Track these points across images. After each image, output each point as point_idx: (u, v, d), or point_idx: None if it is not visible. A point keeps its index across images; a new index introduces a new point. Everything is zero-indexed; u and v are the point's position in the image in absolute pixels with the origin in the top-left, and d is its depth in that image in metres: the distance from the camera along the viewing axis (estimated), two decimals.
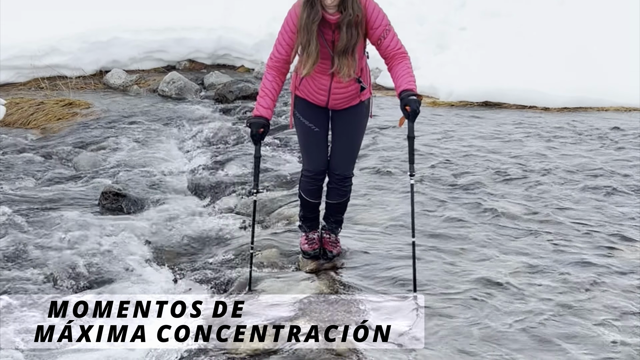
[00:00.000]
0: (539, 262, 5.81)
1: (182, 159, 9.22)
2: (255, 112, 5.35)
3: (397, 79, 5.20)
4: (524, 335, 4.78)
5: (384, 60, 5.32)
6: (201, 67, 14.30)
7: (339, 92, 5.33)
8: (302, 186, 5.67)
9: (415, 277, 5.31)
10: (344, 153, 5.55)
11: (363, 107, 5.50)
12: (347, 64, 5.13)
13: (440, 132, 9.84)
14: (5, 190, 8.06)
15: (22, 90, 12.41)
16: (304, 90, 5.42)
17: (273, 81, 5.33)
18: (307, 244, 5.90)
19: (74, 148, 9.61)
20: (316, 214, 5.87)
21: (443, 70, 12.63)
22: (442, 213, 6.85)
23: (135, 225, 7.18)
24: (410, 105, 5.05)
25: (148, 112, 11.09)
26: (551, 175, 7.92)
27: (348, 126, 5.50)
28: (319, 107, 5.46)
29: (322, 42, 5.12)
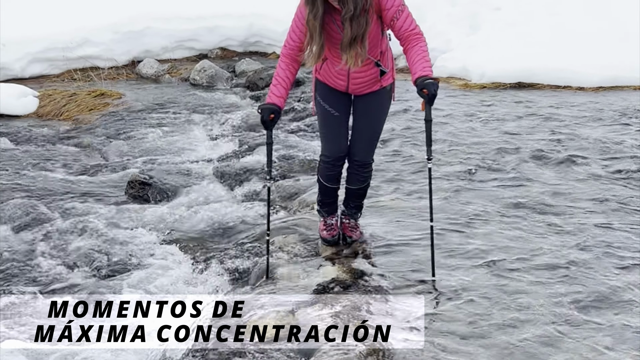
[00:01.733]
0: (564, 252, 5.68)
1: (210, 147, 9.25)
2: (268, 100, 5.31)
3: (413, 64, 5.10)
4: (543, 324, 4.71)
5: (398, 41, 5.22)
6: (233, 54, 14.32)
7: (358, 76, 5.26)
8: (321, 171, 5.63)
9: (434, 262, 5.26)
10: (364, 139, 5.50)
11: (384, 93, 5.43)
12: (354, 55, 5.03)
13: (470, 114, 9.72)
14: (36, 181, 8.16)
15: (55, 82, 12.54)
16: (325, 74, 5.38)
17: (286, 69, 5.29)
18: (326, 229, 5.86)
19: (104, 138, 9.69)
20: (334, 199, 5.82)
21: (475, 51, 12.46)
22: (466, 197, 6.77)
23: (160, 213, 7.24)
24: (428, 88, 4.97)
25: (178, 101, 11.13)
26: (587, 159, 7.73)
27: (369, 112, 5.44)
28: (340, 92, 5.41)
29: (335, 28, 5.06)
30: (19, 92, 11.13)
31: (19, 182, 8.07)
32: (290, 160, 8.12)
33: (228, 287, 5.77)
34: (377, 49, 5.20)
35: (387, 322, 4.78)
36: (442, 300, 5.03)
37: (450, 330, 4.67)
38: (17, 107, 10.85)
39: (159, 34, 13.84)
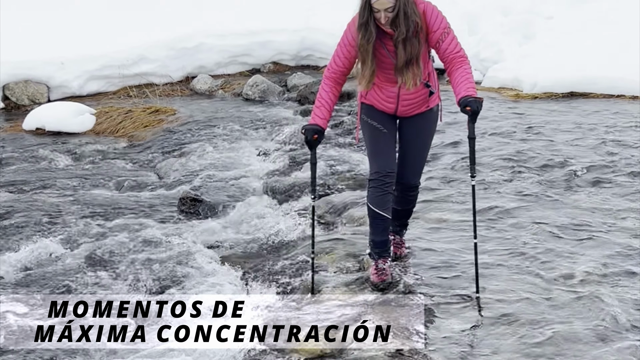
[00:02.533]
0: (613, 268, 5.62)
1: (260, 162, 9.35)
2: (311, 121, 5.40)
3: (456, 85, 5.14)
4: (591, 339, 4.68)
5: (443, 64, 5.26)
6: (285, 68, 14.44)
7: (408, 98, 5.32)
8: (370, 195, 5.45)
9: (478, 279, 5.26)
10: (411, 163, 5.55)
11: (432, 114, 5.49)
12: (411, 76, 5.14)
13: (521, 124, 9.66)
14: (91, 197, 8.36)
15: (112, 99, 12.80)
16: (372, 99, 5.43)
17: (330, 92, 5.36)
18: (377, 274, 5.58)
19: (157, 154, 9.88)
20: (386, 238, 5.59)
21: (527, 61, 12.38)
22: (514, 212, 6.74)
23: (210, 228, 7.37)
24: (471, 105, 5.02)
25: (231, 116, 11.28)
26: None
27: (416, 135, 5.49)
28: (388, 114, 5.44)
29: (385, 52, 5.15)
30: (77, 110, 11.39)
31: (74, 198, 8.28)
32: (337, 175, 8.18)
33: (273, 303, 5.83)
34: (425, 70, 5.26)
35: (430, 338, 4.81)
36: (486, 318, 5.03)
37: (495, 348, 4.67)
38: (74, 124, 11.11)
39: (213, 49, 14.03)
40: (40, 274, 6.59)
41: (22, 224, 7.53)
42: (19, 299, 6.16)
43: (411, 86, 5.16)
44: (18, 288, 6.37)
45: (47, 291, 6.30)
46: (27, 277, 6.55)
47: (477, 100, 5.05)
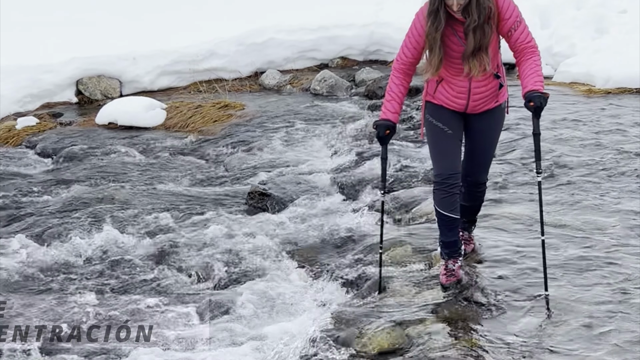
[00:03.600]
0: None
1: (328, 157, 9.37)
2: (382, 116, 5.33)
3: (524, 77, 5.07)
4: None
5: (513, 53, 5.19)
6: (353, 63, 14.41)
7: (479, 91, 5.20)
8: (436, 198, 5.34)
9: (546, 276, 5.19)
10: (478, 161, 5.47)
11: (500, 111, 5.38)
12: (478, 63, 5.02)
13: (593, 120, 9.48)
14: (161, 191, 8.49)
15: (182, 94, 12.95)
16: (440, 97, 5.29)
17: (400, 84, 5.29)
18: (446, 275, 5.49)
19: (226, 149, 9.97)
20: (455, 238, 5.46)
21: (600, 55, 12.12)
22: (583, 209, 6.64)
23: (278, 223, 7.42)
24: (534, 101, 4.94)
25: (298, 111, 11.33)
26: None
27: (484, 134, 5.39)
28: (454, 112, 5.30)
29: (456, 39, 5.05)
30: (148, 105, 11.57)
31: (145, 191, 8.43)
32: (406, 170, 8.15)
33: (341, 299, 5.86)
34: (495, 61, 5.17)
35: (497, 337, 4.77)
36: (555, 316, 4.97)
37: (565, 348, 4.61)
38: (146, 119, 11.27)
39: (282, 44, 14.09)
40: (109, 266, 6.75)
41: (94, 216, 7.69)
42: (88, 287, 6.32)
43: (478, 74, 5.05)
44: (89, 278, 6.52)
45: (115, 282, 6.45)
46: (96, 268, 6.70)
47: (542, 96, 4.96)
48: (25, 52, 12.68)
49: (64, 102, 12.60)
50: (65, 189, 8.66)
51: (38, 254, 6.96)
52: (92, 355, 5.36)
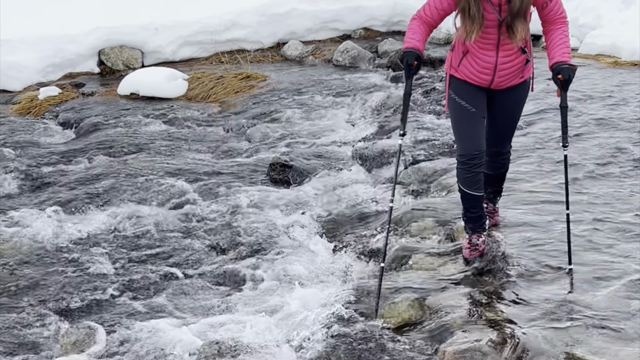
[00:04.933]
0: None
1: (350, 129, 9.33)
2: (408, 45, 4.97)
3: (552, 48, 4.98)
4: None
5: (542, 24, 5.09)
6: (376, 34, 14.29)
7: (505, 67, 5.04)
8: (459, 176, 5.28)
9: (570, 251, 5.15)
10: (500, 133, 5.37)
11: (524, 87, 5.25)
12: (521, 28, 4.85)
13: (618, 93, 9.35)
14: (183, 161, 8.48)
15: (204, 65, 12.92)
16: (465, 71, 5.12)
17: (421, 25, 5.00)
18: (469, 249, 5.48)
19: (248, 120, 9.94)
20: (480, 213, 5.42)
21: (627, 27, 11.94)
22: (607, 184, 6.56)
23: (299, 195, 7.41)
24: (562, 73, 4.87)
25: (320, 82, 11.26)
26: None
27: (508, 109, 5.28)
28: (478, 87, 5.15)
29: (489, 7, 4.83)
30: (170, 75, 11.54)
31: (167, 162, 8.42)
32: (428, 142, 8.07)
33: (362, 271, 5.84)
34: (526, 34, 5.01)
35: (521, 311, 4.74)
36: (578, 291, 4.93)
37: (586, 322, 4.57)
38: (168, 90, 11.26)
39: (304, 15, 13.99)
40: (130, 237, 6.77)
41: (116, 186, 7.70)
42: (108, 258, 6.34)
43: (519, 40, 4.87)
44: (110, 249, 6.54)
45: (138, 252, 6.47)
46: (120, 239, 6.73)
47: (571, 68, 4.89)
48: (47, 22, 12.66)
49: (86, 73, 12.60)
50: (87, 159, 8.67)
51: (59, 225, 6.98)
52: (113, 325, 5.38)
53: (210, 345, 4.85)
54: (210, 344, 4.86)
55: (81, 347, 5.08)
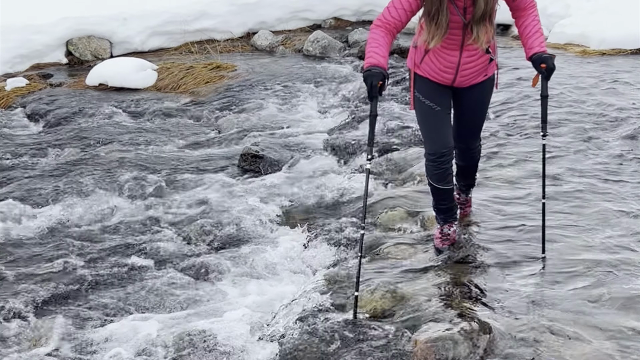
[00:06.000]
0: None
1: (321, 119, 9.31)
2: (372, 61, 4.62)
3: (528, 37, 4.93)
4: None
5: (512, 12, 5.01)
6: (346, 24, 14.29)
7: (468, 66, 4.94)
8: (428, 171, 5.21)
9: (545, 239, 5.16)
10: (467, 129, 5.29)
11: (488, 83, 5.15)
12: (485, 31, 4.75)
13: (587, 81, 9.42)
14: (152, 153, 8.43)
15: (173, 55, 12.84)
16: (427, 69, 4.99)
17: (384, 36, 4.71)
18: (441, 238, 5.44)
19: (218, 111, 9.89)
20: (450, 205, 5.34)
21: (595, 16, 12.04)
22: (580, 171, 6.60)
23: (271, 185, 7.37)
24: (547, 62, 4.85)
25: (291, 72, 11.23)
26: None
27: (472, 106, 5.17)
28: (442, 86, 5.05)
29: (453, 9, 4.70)
30: (139, 66, 11.45)
31: (136, 153, 8.36)
32: (399, 132, 8.09)
33: (333, 261, 5.83)
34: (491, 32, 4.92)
35: (493, 300, 4.75)
36: (551, 280, 4.94)
37: (559, 309, 4.59)
38: (137, 80, 11.17)
39: (274, 5, 13.95)
40: (99, 229, 6.70)
41: (85, 178, 7.62)
42: (77, 251, 6.27)
43: (484, 43, 4.78)
44: (78, 242, 6.46)
45: (107, 245, 6.40)
46: (88, 232, 6.65)
47: (552, 57, 4.90)
48: (14, 13, 12.51)
49: (54, 63, 12.49)
50: (55, 151, 8.58)
51: (25, 217, 6.90)
52: (83, 320, 5.32)
53: (181, 338, 4.81)
54: (182, 337, 4.82)
55: (47, 341, 5.02)
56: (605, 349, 4.15)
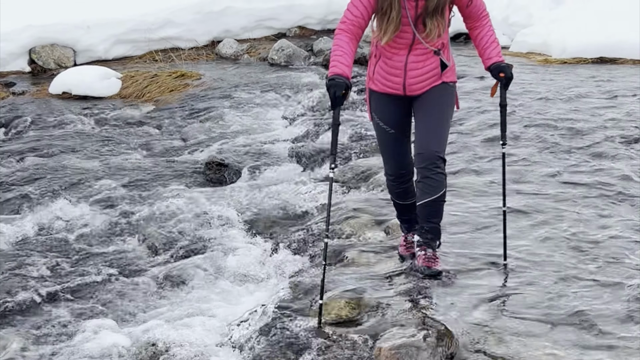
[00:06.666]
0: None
1: (286, 127, 9.34)
2: (335, 70, 4.57)
3: (485, 48, 4.91)
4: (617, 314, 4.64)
5: (466, 22, 4.95)
6: (311, 33, 14.34)
7: (416, 66, 4.79)
8: (389, 189, 5.25)
9: (506, 246, 5.22)
10: (430, 129, 4.88)
11: (449, 87, 4.92)
12: (437, 25, 4.66)
13: (549, 90, 9.55)
14: (116, 161, 8.39)
15: (137, 63, 12.79)
16: (379, 77, 4.87)
17: (349, 42, 4.66)
18: (405, 246, 5.42)
19: (183, 119, 9.88)
20: (412, 216, 5.25)
21: (557, 25, 12.23)
22: (539, 179, 6.69)
23: (236, 194, 7.39)
24: (505, 72, 4.87)
25: (256, 81, 11.24)
26: None
27: (432, 103, 4.88)
28: (396, 101, 4.90)
29: (403, 4, 4.64)
30: (103, 74, 11.41)
31: (100, 162, 8.33)
32: (364, 139, 8.14)
33: (299, 269, 5.84)
34: (438, 39, 4.78)
35: (455, 306, 4.79)
36: (512, 286, 5.00)
37: (519, 314, 4.64)
38: (100, 88, 11.12)
39: (239, 13, 13.95)
40: (63, 239, 6.65)
41: (49, 187, 7.58)
42: (40, 261, 6.21)
43: (435, 36, 4.66)
44: (42, 251, 6.42)
45: (69, 255, 6.36)
46: (50, 241, 6.60)
47: (509, 67, 4.92)
48: None
49: (17, 72, 12.39)
50: (18, 160, 8.52)
51: None
52: (45, 330, 5.27)
53: (145, 348, 4.79)
54: (146, 346, 4.80)
55: (13, 352, 4.97)
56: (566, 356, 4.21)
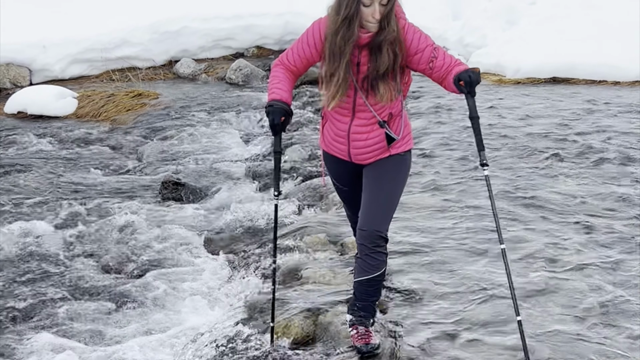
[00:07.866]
0: (591, 253, 5.67)
1: (243, 147, 9.35)
2: (274, 96, 4.29)
3: (448, 73, 4.22)
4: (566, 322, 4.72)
5: (439, 82, 4.33)
6: (269, 53, 14.41)
7: (359, 137, 4.37)
8: (348, 217, 5.15)
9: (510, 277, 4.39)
10: (376, 205, 4.42)
11: (400, 158, 4.46)
12: (388, 88, 4.23)
13: (502, 110, 9.68)
14: (72, 181, 8.34)
15: (94, 82, 12.74)
16: (328, 138, 4.54)
17: (286, 72, 4.39)
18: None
19: (140, 139, 9.85)
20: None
21: (510, 46, 12.42)
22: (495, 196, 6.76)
23: (193, 213, 7.37)
24: (462, 77, 4.08)
25: (214, 100, 11.26)
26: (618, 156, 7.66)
27: (380, 175, 4.44)
28: (346, 165, 4.54)
29: (354, 63, 4.23)
30: (59, 93, 11.34)
31: (55, 182, 8.26)
32: (319, 158, 8.16)
33: (256, 288, 5.84)
34: (385, 108, 4.33)
35: (412, 324, 4.82)
36: (472, 304, 5.04)
37: (480, 332, 4.67)
38: (56, 108, 11.05)
39: (196, 33, 13.98)
40: (17, 258, 6.58)
41: (2, 207, 7.49)
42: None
43: (387, 99, 4.24)
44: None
45: (23, 275, 6.28)
46: (4, 261, 6.53)
47: (471, 70, 4.14)
48: None
49: None
50: None
51: None
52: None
53: None
54: None
55: None
56: None
